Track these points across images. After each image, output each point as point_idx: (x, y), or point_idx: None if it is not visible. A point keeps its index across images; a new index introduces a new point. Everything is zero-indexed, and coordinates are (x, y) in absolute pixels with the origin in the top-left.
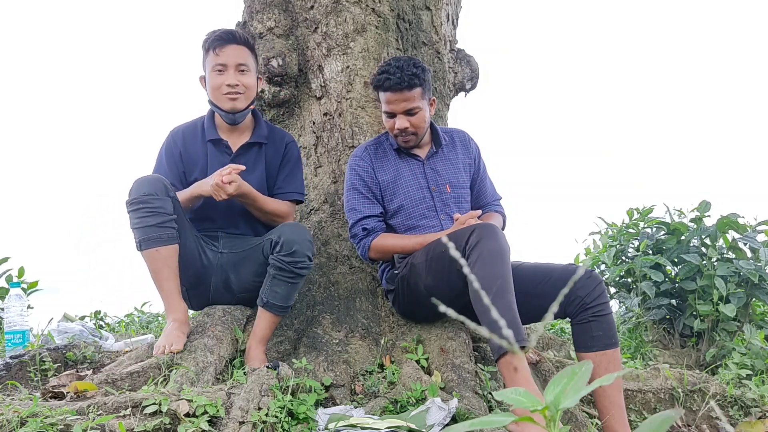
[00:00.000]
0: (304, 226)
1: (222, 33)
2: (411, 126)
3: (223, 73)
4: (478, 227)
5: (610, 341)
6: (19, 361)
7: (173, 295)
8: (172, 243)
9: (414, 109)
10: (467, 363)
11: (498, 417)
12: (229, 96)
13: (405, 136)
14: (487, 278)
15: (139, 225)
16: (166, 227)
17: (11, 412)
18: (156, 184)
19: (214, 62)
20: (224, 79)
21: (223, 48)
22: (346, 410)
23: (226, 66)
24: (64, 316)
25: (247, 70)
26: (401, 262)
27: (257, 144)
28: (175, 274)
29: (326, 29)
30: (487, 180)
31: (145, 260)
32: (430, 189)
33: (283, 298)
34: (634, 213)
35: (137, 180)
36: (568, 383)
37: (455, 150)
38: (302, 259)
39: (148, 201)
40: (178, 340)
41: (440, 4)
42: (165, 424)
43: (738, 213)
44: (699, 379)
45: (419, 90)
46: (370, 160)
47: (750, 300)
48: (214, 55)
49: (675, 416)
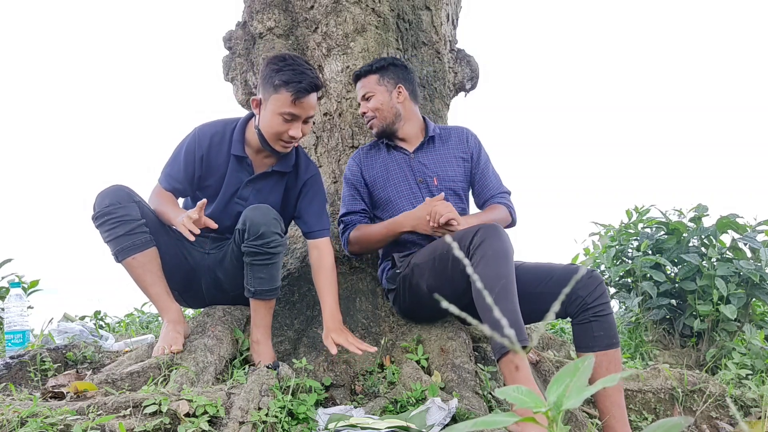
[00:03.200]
0: (266, 206)
1: (309, 84)
2: (368, 110)
3: (290, 122)
4: (482, 227)
5: (611, 341)
6: (19, 361)
7: (162, 298)
8: (148, 247)
9: (367, 93)
10: (467, 363)
11: (501, 417)
12: (285, 145)
13: (368, 121)
14: (490, 278)
15: (110, 237)
16: (137, 233)
17: (11, 412)
18: (117, 193)
19: (287, 109)
20: (289, 129)
21: (303, 99)
22: (346, 410)
23: (298, 118)
24: (64, 316)
25: (310, 119)
26: (402, 261)
27: (279, 173)
28: (159, 277)
29: (326, 29)
30: (489, 173)
31: (127, 270)
32: (417, 181)
33: (268, 282)
34: (632, 213)
35: (98, 194)
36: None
37: (447, 144)
38: (272, 239)
39: (111, 212)
40: (176, 340)
41: (440, 4)
42: (165, 424)
43: (737, 213)
44: (699, 379)
45: (375, 76)
46: (359, 160)
47: (750, 300)
48: (291, 102)
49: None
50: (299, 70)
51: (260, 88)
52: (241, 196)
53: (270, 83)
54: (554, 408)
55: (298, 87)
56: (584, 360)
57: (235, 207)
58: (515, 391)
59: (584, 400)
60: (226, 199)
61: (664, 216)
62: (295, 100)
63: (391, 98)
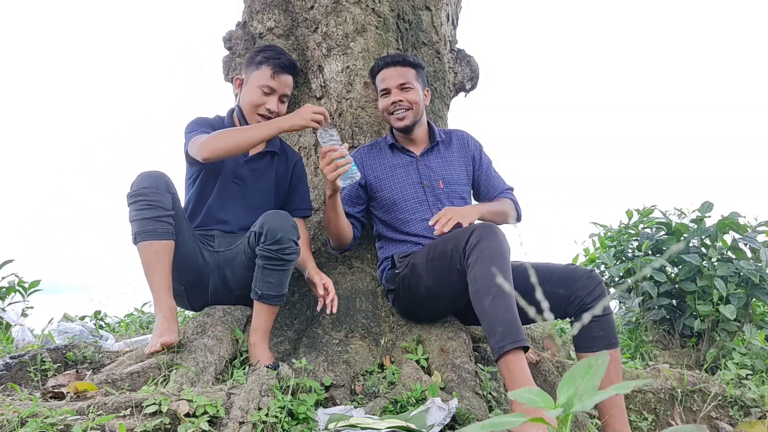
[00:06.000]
0: (285, 213)
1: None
2: (405, 101)
3: (268, 95)
4: (479, 227)
5: (611, 341)
6: (19, 361)
7: (161, 290)
8: (167, 238)
9: (407, 84)
10: (467, 363)
11: (509, 418)
12: (261, 120)
13: (400, 111)
14: (487, 278)
15: (136, 217)
16: (162, 221)
17: (11, 412)
18: (158, 179)
19: (266, 82)
20: (267, 102)
21: (282, 75)
22: (346, 410)
23: (275, 92)
24: (64, 316)
25: (286, 99)
26: (402, 261)
27: (270, 153)
28: (166, 270)
29: (326, 29)
30: (493, 174)
31: (139, 253)
32: (422, 184)
33: (276, 287)
34: (633, 214)
35: (140, 174)
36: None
37: (451, 148)
38: (288, 245)
39: (146, 194)
40: (169, 331)
41: (440, 4)
42: (165, 424)
43: (738, 213)
44: (699, 379)
45: (413, 71)
46: (362, 159)
47: (750, 300)
48: (270, 76)
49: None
50: (280, 51)
51: (243, 69)
52: (239, 176)
53: (253, 62)
54: (565, 408)
55: (278, 62)
56: (598, 357)
57: (234, 188)
58: (527, 393)
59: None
60: (225, 181)
61: (665, 216)
62: (274, 74)
63: (422, 97)
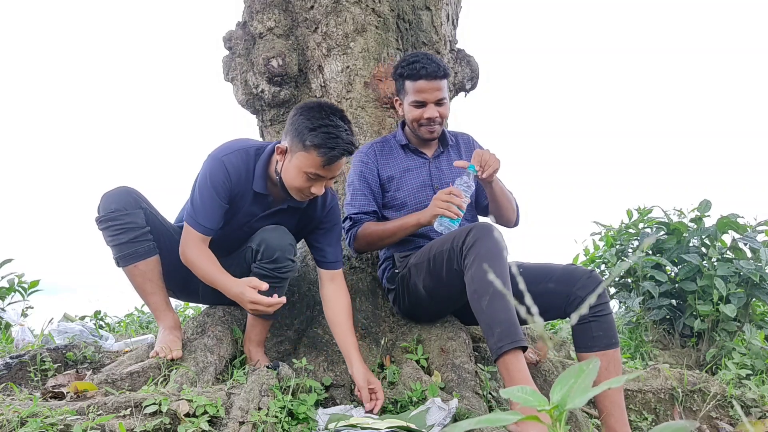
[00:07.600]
0: (283, 229)
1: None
2: (439, 116)
3: (314, 181)
4: (475, 227)
5: (611, 341)
6: (19, 361)
7: (161, 307)
8: (151, 255)
9: (443, 100)
10: (467, 363)
11: (503, 415)
12: (303, 198)
13: (432, 126)
14: (484, 278)
15: (112, 243)
16: (141, 241)
17: (11, 412)
18: (124, 197)
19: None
20: (312, 187)
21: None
22: (346, 410)
23: (324, 178)
24: (64, 316)
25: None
26: (402, 261)
27: (293, 208)
28: (159, 286)
29: (326, 29)
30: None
31: (127, 276)
32: (433, 186)
33: None
34: (633, 213)
35: (104, 195)
36: (575, 382)
37: (459, 151)
38: (285, 264)
39: (116, 218)
40: (175, 344)
41: (440, 4)
42: (165, 424)
43: (738, 213)
44: (699, 379)
45: (446, 82)
46: (375, 156)
47: (750, 300)
48: (321, 165)
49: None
50: (334, 134)
51: (287, 136)
52: (253, 227)
53: (300, 139)
54: (559, 407)
55: (331, 154)
56: (589, 363)
57: (241, 233)
58: (520, 391)
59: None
60: (236, 227)
61: (666, 216)
62: (324, 165)
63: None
